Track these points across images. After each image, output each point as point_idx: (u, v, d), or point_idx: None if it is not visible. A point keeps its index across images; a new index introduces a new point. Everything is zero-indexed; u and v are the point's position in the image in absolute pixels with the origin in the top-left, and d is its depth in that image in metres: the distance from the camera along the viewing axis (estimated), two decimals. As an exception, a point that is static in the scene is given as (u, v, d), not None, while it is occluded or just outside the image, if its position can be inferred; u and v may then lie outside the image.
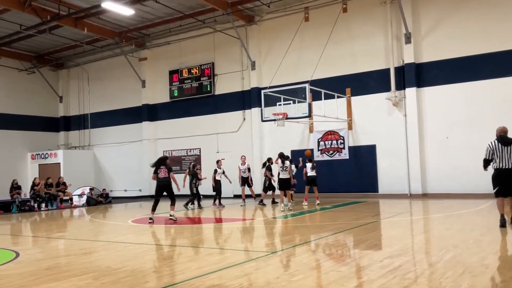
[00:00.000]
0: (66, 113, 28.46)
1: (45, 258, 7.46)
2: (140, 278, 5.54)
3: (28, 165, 26.35)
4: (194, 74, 23.16)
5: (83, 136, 27.62)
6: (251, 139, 21.19)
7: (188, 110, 23.47)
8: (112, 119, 26.33)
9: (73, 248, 8.49)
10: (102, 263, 6.78)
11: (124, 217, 14.88)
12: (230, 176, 17.40)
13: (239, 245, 8.14)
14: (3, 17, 20.18)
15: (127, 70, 24.68)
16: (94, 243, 9.13)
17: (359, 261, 6.29)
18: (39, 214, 17.14)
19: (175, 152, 24.04)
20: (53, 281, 5.54)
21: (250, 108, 21.33)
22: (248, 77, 21.53)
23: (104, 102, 26.68)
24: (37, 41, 23.98)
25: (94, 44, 24.46)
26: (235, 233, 10.02)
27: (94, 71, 26.99)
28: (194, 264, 6.25)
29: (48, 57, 26.73)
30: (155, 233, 10.36)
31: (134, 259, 6.91)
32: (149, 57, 24.73)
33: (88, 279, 5.55)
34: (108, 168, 26.58)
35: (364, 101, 18.74)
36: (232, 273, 5.62)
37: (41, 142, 26.96)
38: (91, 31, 21.71)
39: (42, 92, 27.45)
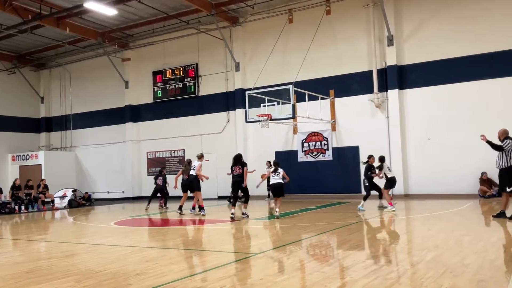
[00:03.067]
0: (48, 114, 28.07)
1: (26, 261, 7.33)
2: (123, 281, 5.49)
3: (9, 166, 25.91)
4: (178, 75, 23.06)
5: (65, 137, 27.27)
6: (235, 140, 21.17)
7: (172, 111, 23.36)
8: (94, 120, 26.05)
9: (54, 251, 8.37)
10: (84, 265, 6.69)
11: (106, 219, 14.73)
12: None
13: (223, 247, 8.13)
14: (-17, 16, 19.84)
15: (110, 71, 24.46)
16: (76, 246, 9.01)
17: (342, 262, 6.33)
18: (19, 217, 16.85)
19: (159, 153, 23.90)
20: (35, 284, 5.46)
21: (235, 109, 21.33)
22: (233, 78, 21.52)
23: (87, 103, 26.39)
24: (18, 40, 23.61)
25: (77, 44, 24.18)
26: (219, 234, 10.00)
27: (76, 72, 26.68)
28: (177, 266, 6.21)
29: (29, 57, 26.34)
30: (138, 236, 10.27)
31: (117, 261, 6.85)
32: (133, 58, 24.55)
33: (70, 281, 5.48)
34: (91, 169, 26.29)
35: (347, 102, 18.91)
36: (215, 275, 5.61)
37: (22, 143, 26.54)
38: (74, 31, 21.47)
39: (23, 93, 27.03)
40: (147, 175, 24.14)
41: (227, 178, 19.51)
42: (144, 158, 24.43)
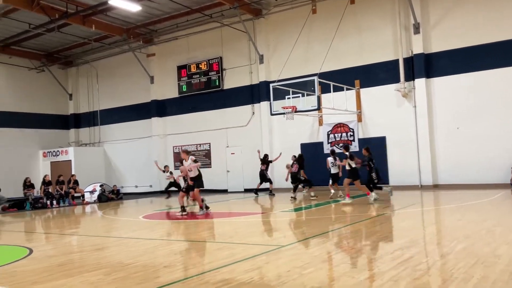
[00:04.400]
0: (76, 111, 28.66)
1: (57, 255, 7.53)
2: (151, 273, 5.58)
3: (40, 162, 26.61)
4: (202, 69, 23.17)
5: (93, 133, 27.81)
6: (260, 133, 21.17)
7: (197, 105, 23.51)
8: (121, 115, 26.46)
9: (85, 244, 8.57)
10: (114, 258, 6.83)
11: (135, 213, 14.99)
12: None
13: (250, 239, 8.16)
14: (12, 16, 20.33)
15: (136, 67, 24.76)
16: (106, 239, 9.20)
17: (369, 253, 6.27)
18: (51, 211, 17.32)
19: (185, 147, 24.08)
20: (66, 277, 5.60)
21: (259, 102, 21.30)
22: (257, 71, 21.48)
23: (113, 99, 26.81)
24: (46, 39, 24.13)
25: (102, 41, 24.56)
26: (246, 227, 10.04)
27: (102, 68, 27.11)
28: (204, 259, 6.27)
29: (57, 55, 26.90)
30: (165, 229, 10.41)
31: (145, 254, 6.96)
32: (157, 53, 24.77)
33: (100, 274, 5.60)
34: (119, 164, 26.75)
35: (373, 92, 18.63)
36: (242, 267, 5.63)
37: (52, 140, 27.19)
38: (99, 29, 21.79)
39: (52, 90, 27.65)
40: (174, 169, 24.38)
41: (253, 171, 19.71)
42: (171, 152, 24.71)
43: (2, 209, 17.89)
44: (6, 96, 25.37)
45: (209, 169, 23.00)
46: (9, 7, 19.32)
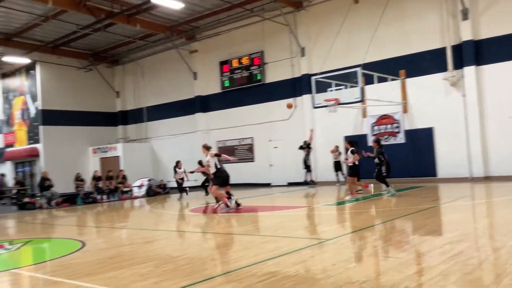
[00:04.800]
0: (124, 108, 29.51)
1: (109, 248, 7.83)
2: (199, 266, 5.70)
3: (90, 159, 27.62)
4: (244, 63, 23.26)
5: (140, 129, 28.56)
6: (302, 126, 21.05)
7: (239, 99, 23.65)
8: (166, 111, 27.01)
9: (134, 238, 8.85)
10: (162, 251, 7.02)
11: (182, 206, 15.29)
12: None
13: (296, 232, 8.16)
14: (61, 18, 21.12)
15: (179, 63, 25.19)
16: (154, 232, 9.46)
17: (418, 247, 6.13)
18: (101, 206, 17.98)
19: (228, 142, 24.34)
20: (117, 269, 5.81)
21: (301, 95, 21.17)
22: (298, 64, 21.34)
23: (159, 96, 27.40)
24: (93, 39, 24.94)
25: (147, 40, 25.12)
26: (292, 220, 10.04)
27: (147, 66, 27.75)
28: (250, 252, 6.33)
29: (104, 55, 27.76)
30: (212, 222, 10.57)
31: (193, 247, 7.11)
32: (200, 49, 25.08)
33: (150, 267, 5.78)
34: (165, 159, 27.33)
35: (420, 82, 18.08)
36: (288, 260, 5.65)
37: (101, 136, 28.15)
38: (143, 27, 22.28)
39: (100, 89, 28.59)
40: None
41: (297, 164, 19.66)
42: (215, 147, 24.99)
43: (56, 204, 18.73)
44: (57, 95, 26.45)
45: (252, 163, 23.14)
46: (58, 9, 20.09)
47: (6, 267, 6.85)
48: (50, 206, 18.46)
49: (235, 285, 4.52)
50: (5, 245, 8.81)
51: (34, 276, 5.87)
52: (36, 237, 10.02)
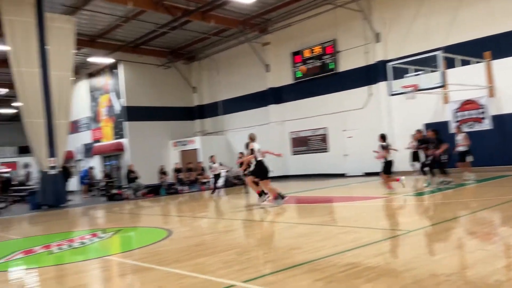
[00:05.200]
0: (200, 102, 30.48)
1: (193, 236, 8.22)
2: (280, 255, 5.83)
3: (171, 152, 28.88)
4: (316, 53, 23.06)
5: (216, 122, 29.36)
6: (379, 115, 20.50)
7: (312, 90, 23.51)
8: (240, 104, 27.51)
9: (216, 226, 9.21)
10: (244, 240, 7.25)
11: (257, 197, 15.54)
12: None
13: (375, 223, 8.05)
14: (140, 18, 22.18)
15: (252, 56, 25.50)
16: (234, 222, 9.77)
17: (508, 239, 5.81)
18: (183, 196, 18.80)
19: (302, 132, 24.32)
20: (203, 256, 6.10)
21: (376, 82, 20.59)
22: (373, 50, 20.75)
23: (233, 89, 27.96)
24: (171, 37, 25.94)
25: (221, 35, 25.69)
26: (370, 211, 9.90)
27: (222, 61, 28.39)
28: (329, 242, 6.35)
29: (181, 51, 28.79)
30: (289, 212, 10.69)
31: (273, 236, 7.27)
32: (272, 41, 25.20)
33: (233, 254, 6.00)
34: (240, 151, 27.85)
35: (508, 64, 16.85)
36: (368, 251, 5.61)
37: (180, 130, 29.32)
38: (217, 23, 22.81)
39: (178, 85, 29.74)
40: (292, 155, 24.84)
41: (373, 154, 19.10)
42: (288, 138, 25.12)
43: (141, 194, 19.88)
44: (139, 92, 27.90)
45: (326, 153, 22.96)
46: (137, 10, 21.12)
47: (100, 254, 7.45)
48: (136, 197, 19.63)
49: (317, 275, 4.59)
50: (98, 233, 9.54)
51: (127, 262, 6.32)
52: (125, 226, 10.74)
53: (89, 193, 24.65)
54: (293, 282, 4.43)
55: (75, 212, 15.87)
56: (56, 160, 17.55)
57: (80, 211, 16.35)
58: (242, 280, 4.61)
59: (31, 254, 7.48)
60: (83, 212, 16.04)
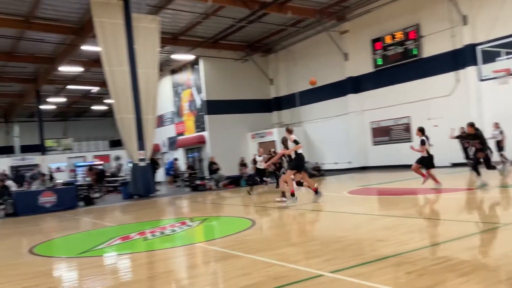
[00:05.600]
0: (277, 94, 30.66)
1: (277, 226, 8.37)
2: (367, 246, 5.77)
3: (249, 143, 29.42)
4: (398, 39, 22.21)
5: (293, 114, 29.40)
6: (467, 102, 19.36)
7: (393, 77, 22.71)
8: (318, 95, 27.28)
9: (298, 217, 9.29)
10: (327, 231, 7.26)
11: (338, 188, 15.46)
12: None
13: (464, 216, 7.68)
14: (219, 14, 22.70)
15: (329, 46, 25.14)
16: (316, 213, 9.78)
17: None
18: (262, 187, 19.09)
19: (383, 122, 23.63)
20: (287, 246, 6.22)
21: (464, 67, 19.43)
22: (460, 33, 19.58)
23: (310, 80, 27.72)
24: (248, 31, 26.30)
25: (298, 26, 25.60)
26: (457, 204, 9.45)
27: (299, 51, 28.29)
28: (417, 235, 6.18)
29: (258, 44, 29.08)
30: (372, 204, 10.51)
31: (357, 228, 7.20)
32: (351, 29, 24.65)
33: (318, 245, 6.04)
34: (318, 142, 27.76)
35: None
36: (461, 244, 5.39)
37: (258, 123, 29.73)
38: (294, 13, 22.72)
39: (255, 77, 30.12)
40: (372, 145, 24.25)
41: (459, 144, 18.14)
42: (368, 128, 24.53)
43: (223, 185, 20.49)
44: (219, 86, 28.67)
45: (409, 143, 22.04)
46: (216, 6, 21.63)
47: (190, 241, 7.84)
48: (218, 187, 20.27)
49: (408, 267, 4.50)
50: (187, 221, 10.02)
51: (215, 249, 6.60)
52: (211, 215, 11.17)
53: (174, 184, 25.86)
54: (383, 274, 4.39)
55: (163, 202, 16.76)
56: (145, 152, 18.62)
57: (167, 200, 17.24)
58: (330, 271, 4.64)
59: (128, 240, 8.06)
60: (170, 201, 16.90)
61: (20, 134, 41.90)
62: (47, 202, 15.60)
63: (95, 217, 13.22)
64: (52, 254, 7.89)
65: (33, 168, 32.36)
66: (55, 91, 35.12)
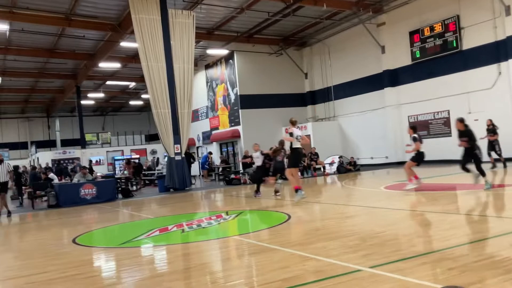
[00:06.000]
0: (311, 88, 30.43)
1: (312, 220, 8.34)
2: (406, 242, 5.68)
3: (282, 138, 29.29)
4: (436, 31, 21.60)
5: (328, 108, 29.12)
6: (510, 95, 18.66)
7: (432, 70, 22.13)
8: (353, 89, 26.92)
9: (334, 212, 9.22)
10: (365, 226, 7.18)
11: (375, 183, 15.24)
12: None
13: (507, 213, 7.43)
14: (253, 8, 22.63)
15: (365, 38, 24.74)
16: (352, 208, 9.69)
17: None
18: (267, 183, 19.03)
19: (421, 116, 23.09)
20: (325, 240, 6.18)
21: (507, 59, 18.72)
22: (502, 24, 18.87)
23: (345, 73, 27.43)
24: (283, 24, 26.17)
25: (333, 18, 25.28)
26: (500, 199, 9.14)
27: (334, 45, 27.96)
28: (459, 231, 6.03)
29: (293, 38, 28.92)
30: (410, 199, 10.31)
31: (395, 223, 7.09)
32: (387, 21, 24.15)
33: (356, 240, 5.98)
34: (353, 136, 27.42)
35: None
36: (503, 242, 5.22)
37: (292, 117, 29.49)
38: (330, 6, 22.41)
39: (289, 71, 29.98)
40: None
41: (503, 138, 17.57)
42: (406, 123, 24.00)
43: (257, 179, 20.52)
44: (252, 80, 28.69)
45: (449, 138, 21.49)
46: (251, 0, 21.64)
47: (226, 234, 7.93)
48: (252, 181, 20.32)
49: (449, 264, 4.40)
50: (223, 215, 10.13)
51: (251, 242, 6.65)
52: (246, 209, 11.24)
53: (209, 178, 26.14)
54: (425, 270, 4.31)
55: (198, 195, 16.99)
56: (180, 146, 18.90)
57: (202, 194, 17.47)
58: (369, 266, 4.59)
59: (166, 232, 8.22)
60: (205, 195, 17.11)
61: (61, 128, 43.34)
62: (88, 194, 16.11)
63: (133, 209, 13.55)
64: (93, 244, 8.15)
65: (74, 161, 33.44)
66: (94, 86, 36.12)
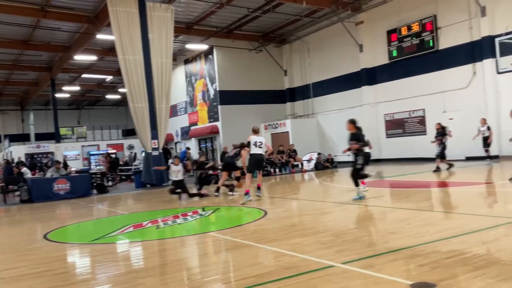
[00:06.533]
0: (291, 85, 30.51)
1: (289, 217, 8.35)
2: (379, 238, 5.74)
3: (263, 134, 29.33)
4: (414, 30, 21.88)
5: (307, 105, 29.25)
6: (484, 95, 19.06)
7: (409, 69, 22.42)
8: (332, 86, 27.08)
9: (310, 208, 9.27)
10: (340, 222, 7.23)
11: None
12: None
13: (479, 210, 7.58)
14: (234, 3, 22.51)
15: (344, 37, 24.89)
16: (328, 204, 9.75)
17: None
18: (275, 178, 19.11)
19: (397, 114, 23.40)
20: (300, 236, 6.20)
21: (481, 60, 19.09)
22: (478, 25, 19.22)
23: (324, 71, 27.57)
24: (262, 21, 26.13)
25: (312, 16, 25.35)
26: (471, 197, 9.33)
27: (313, 42, 28.07)
28: (431, 228, 6.11)
29: (272, 35, 28.91)
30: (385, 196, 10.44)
31: (369, 220, 7.16)
32: (366, 20, 24.35)
33: (330, 236, 6.02)
34: (331, 134, 27.60)
35: None
36: (475, 238, 5.33)
37: (271, 113, 29.62)
38: (309, 3, 22.44)
39: (269, 68, 29.98)
40: (386, 138, 24.06)
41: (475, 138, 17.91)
42: (382, 121, 24.32)
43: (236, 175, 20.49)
44: (232, 76, 28.59)
45: (424, 136, 21.84)
46: (230, -4, 21.57)
47: (202, 230, 7.88)
48: (231, 177, 20.27)
49: (420, 260, 4.46)
50: (199, 211, 10.06)
51: (227, 238, 6.62)
52: (223, 205, 11.20)
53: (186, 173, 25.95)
54: (395, 266, 4.36)
55: (175, 191, 16.80)
56: (158, 142, 18.71)
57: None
58: (341, 262, 4.62)
59: (140, 228, 8.12)
60: (182, 191, 16.93)
61: (35, 122, 42.42)
62: (61, 190, 15.81)
63: (108, 205, 13.36)
64: (66, 240, 8.00)
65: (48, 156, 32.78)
66: (70, 79, 35.43)
